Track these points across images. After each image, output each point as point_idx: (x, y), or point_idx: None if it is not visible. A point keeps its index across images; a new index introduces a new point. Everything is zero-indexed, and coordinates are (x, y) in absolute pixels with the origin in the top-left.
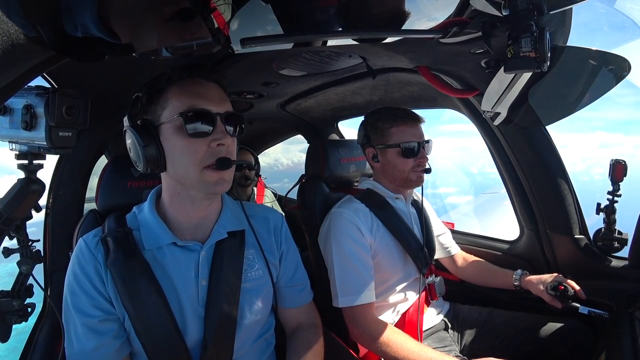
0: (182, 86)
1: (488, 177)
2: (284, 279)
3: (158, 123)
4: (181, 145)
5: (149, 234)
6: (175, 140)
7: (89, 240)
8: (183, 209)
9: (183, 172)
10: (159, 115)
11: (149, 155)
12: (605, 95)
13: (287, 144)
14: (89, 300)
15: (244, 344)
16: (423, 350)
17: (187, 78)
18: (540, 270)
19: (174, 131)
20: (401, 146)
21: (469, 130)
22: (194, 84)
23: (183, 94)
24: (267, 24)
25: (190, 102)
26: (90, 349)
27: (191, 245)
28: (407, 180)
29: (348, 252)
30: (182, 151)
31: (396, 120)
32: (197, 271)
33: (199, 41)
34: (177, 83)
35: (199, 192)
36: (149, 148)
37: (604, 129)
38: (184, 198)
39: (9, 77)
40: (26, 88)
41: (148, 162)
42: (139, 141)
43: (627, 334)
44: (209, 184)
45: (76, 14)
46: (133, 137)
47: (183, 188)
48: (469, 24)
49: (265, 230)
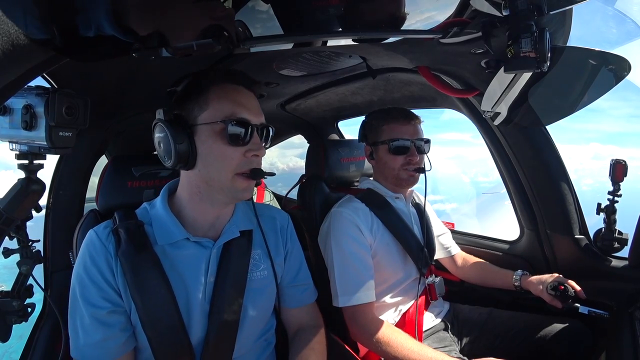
0: (225, 90)
1: (478, 186)
2: (288, 279)
3: (195, 122)
4: (218, 150)
5: (162, 229)
6: (212, 143)
7: (100, 231)
8: (201, 207)
9: (215, 175)
10: (197, 115)
11: (181, 152)
12: (599, 107)
13: (283, 148)
14: (98, 291)
15: (245, 343)
16: (423, 349)
17: (230, 83)
18: (540, 270)
19: (213, 135)
20: (390, 143)
21: (463, 139)
22: (235, 91)
23: (226, 99)
24: (267, 24)
25: (233, 110)
26: (97, 341)
27: (203, 242)
28: (398, 179)
29: (348, 252)
30: (218, 155)
31: (387, 118)
32: (207, 268)
33: (199, 41)
34: (220, 86)
35: (225, 196)
36: (183, 145)
37: (598, 141)
38: (204, 198)
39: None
40: (26, 88)
41: (179, 159)
42: (175, 138)
43: (627, 334)
44: (238, 190)
45: (91, 12)
46: (167, 132)
47: (208, 189)
48: (469, 24)
49: (272, 230)
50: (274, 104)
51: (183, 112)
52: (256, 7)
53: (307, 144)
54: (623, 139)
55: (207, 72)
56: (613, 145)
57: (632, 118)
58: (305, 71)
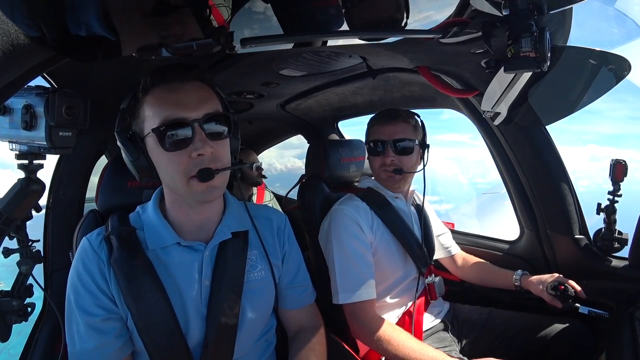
0: (156, 95)
1: (475, 187)
2: (286, 280)
3: (142, 135)
4: (164, 159)
5: (153, 233)
6: (157, 153)
7: (93, 239)
8: (183, 211)
9: (171, 182)
10: (142, 127)
11: (140, 167)
12: (597, 109)
13: (282, 149)
14: (92, 299)
15: (245, 345)
16: (424, 348)
17: (161, 84)
18: (540, 270)
19: (155, 145)
20: (369, 144)
21: (462, 140)
22: (168, 90)
23: (157, 104)
24: (267, 24)
25: (165, 113)
26: (92, 348)
27: (195, 245)
28: (379, 179)
29: (349, 249)
30: (165, 164)
31: (373, 119)
32: (201, 271)
33: (199, 41)
34: (151, 92)
35: (191, 200)
36: (139, 161)
37: (595, 142)
38: (182, 203)
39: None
40: (26, 88)
41: (141, 174)
42: (128, 155)
43: (627, 334)
44: (197, 193)
45: (80, 12)
46: (123, 149)
47: (178, 195)
48: (469, 24)
49: (268, 231)
50: (274, 104)
51: (135, 128)
52: (256, 7)
53: (305, 144)
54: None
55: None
56: (610, 147)
57: (629, 120)
58: (305, 71)
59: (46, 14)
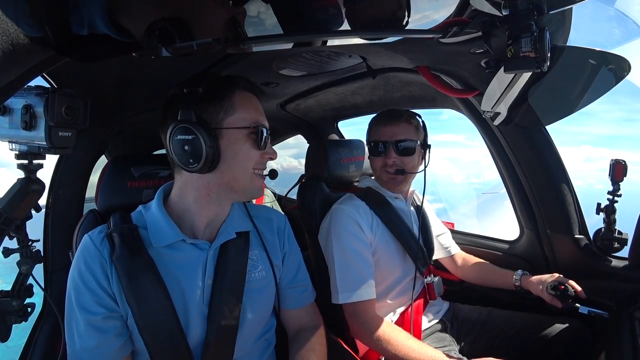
0: (247, 98)
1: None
2: (286, 280)
3: (219, 126)
4: (244, 152)
5: (157, 231)
6: (240, 146)
7: (95, 236)
8: (206, 209)
9: (240, 175)
10: (222, 118)
11: (210, 155)
12: (591, 111)
13: (278, 148)
14: (93, 297)
15: (245, 344)
16: (424, 348)
17: (248, 92)
18: (540, 270)
19: (242, 138)
20: (370, 144)
21: (458, 140)
22: (254, 99)
23: (250, 106)
24: (267, 24)
25: (256, 117)
26: (92, 347)
27: (199, 244)
28: (380, 180)
29: (349, 248)
30: (243, 158)
31: (374, 119)
32: (205, 270)
33: (199, 41)
34: (242, 93)
35: (243, 195)
36: (212, 148)
37: (590, 143)
38: (214, 199)
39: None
40: (26, 88)
41: (207, 162)
42: (207, 141)
43: (627, 334)
44: (256, 188)
45: (84, 10)
46: (198, 134)
47: (224, 190)
48: (469, 24)
49: (269, 231)
50: (274, 103)
51: (204, 115)
52: (256, 7)
53: (302, 144)
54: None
55: (229, 77)
56: (604, 148)
57: (623, 122)
58: (305, 71)
59: (50, 13)
